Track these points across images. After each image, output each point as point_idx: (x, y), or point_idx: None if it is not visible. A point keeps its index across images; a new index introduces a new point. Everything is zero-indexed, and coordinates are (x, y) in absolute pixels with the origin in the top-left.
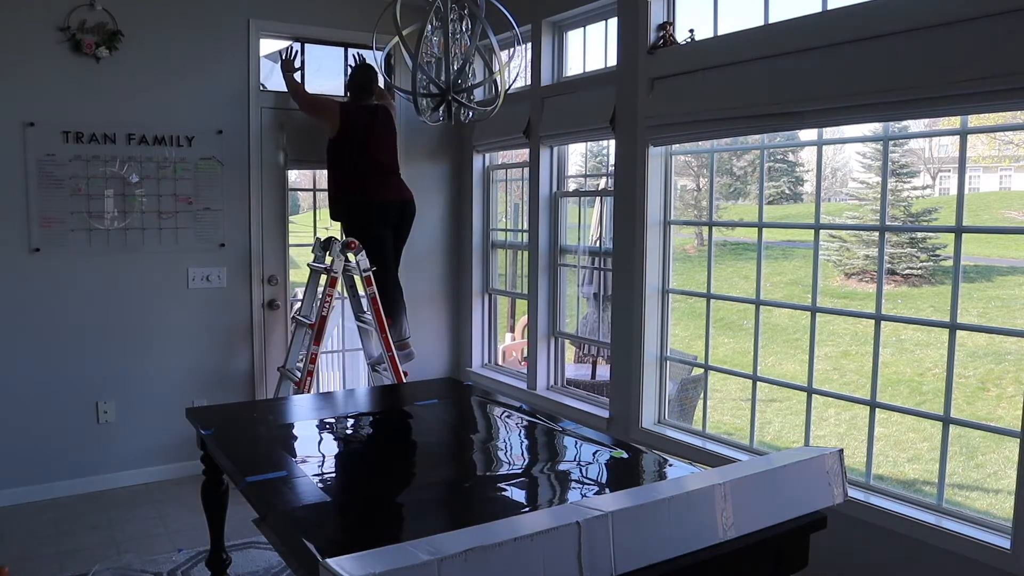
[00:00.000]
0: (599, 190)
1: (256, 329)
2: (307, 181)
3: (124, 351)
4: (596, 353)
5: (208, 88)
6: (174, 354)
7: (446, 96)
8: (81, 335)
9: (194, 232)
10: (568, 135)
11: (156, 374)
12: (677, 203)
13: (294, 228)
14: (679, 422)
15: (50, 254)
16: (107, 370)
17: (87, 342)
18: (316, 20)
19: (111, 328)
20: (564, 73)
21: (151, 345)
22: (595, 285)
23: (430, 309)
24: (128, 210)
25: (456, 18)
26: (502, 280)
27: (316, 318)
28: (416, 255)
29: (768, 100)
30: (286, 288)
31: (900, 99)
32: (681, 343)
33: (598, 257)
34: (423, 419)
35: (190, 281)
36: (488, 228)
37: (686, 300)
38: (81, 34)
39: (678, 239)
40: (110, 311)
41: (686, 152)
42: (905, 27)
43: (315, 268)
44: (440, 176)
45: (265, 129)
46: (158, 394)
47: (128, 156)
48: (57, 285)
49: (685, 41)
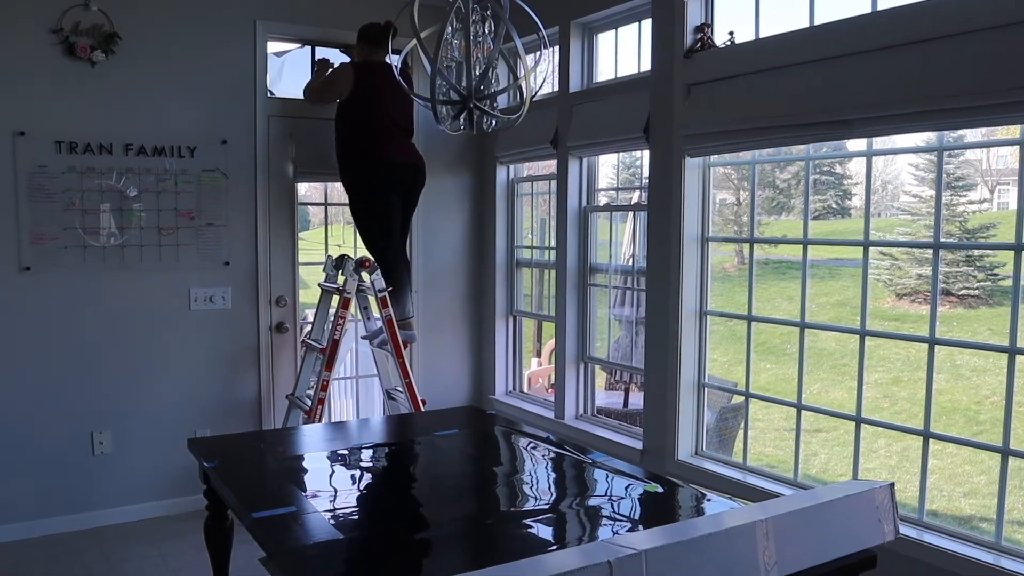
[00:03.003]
0: (632, 204)
1: (263, 353)
2: (318, 194)
3: (121, 377)
4: (629, 380)
5: (211, 95)
6: (175, 380)
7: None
8: (75, 360)
9: (196, 249)
10: (598, 145)
11: (155, 402)
12: (716, 218)
13: (304, 245)
14: (718, 454)
15: (42, 273)
16: (103, 398)
17: (81, 368)
18: (327, 21)
19: (107, 353)
20: (594, 78)
21: (150, 371)
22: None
23: (450, 332)
24: (126, 226)
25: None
26: (527, 301)
27: (328, 342)
28: (435, 273)
29: (814, 107)
30: (295, 310)
31: (956, 106)
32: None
33: (631, 276)
34: (442, 450)
35: (192, 302)
36: (513, 245)
37: (725, 323)
38: (75, 37)
39: (717, 257)
40: (106, 334)
41: (725, 163)
42: (961, 29)
43: (327, 288)
44: (461, 189)
45: (273, 139)
46: (158, 423)
47: (126, 168)
48: (49, 306)
49: (724, 44)
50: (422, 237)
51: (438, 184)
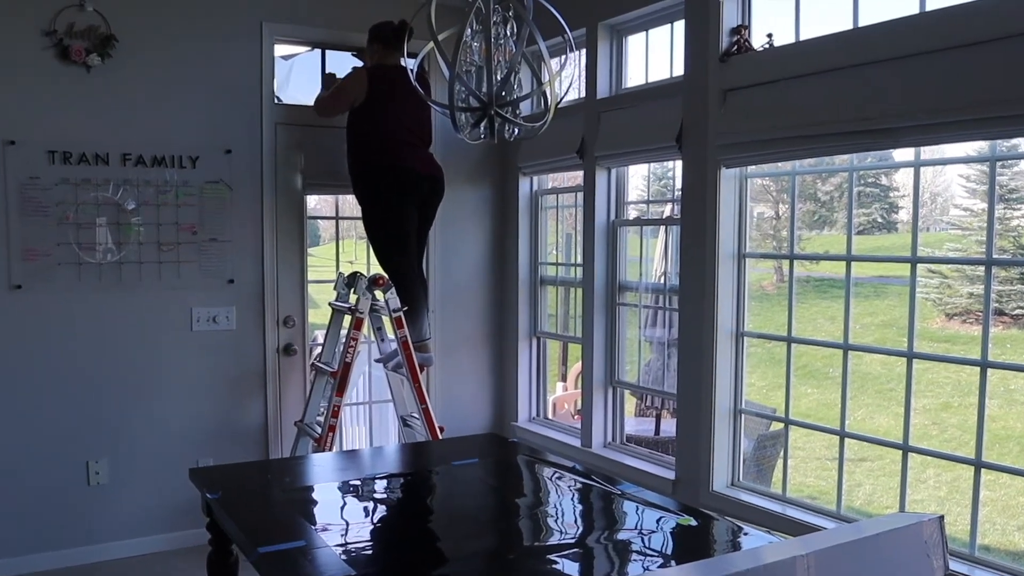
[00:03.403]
0: (664, 218)
1: (270, 378)
2: (328, 208)
3: (118, 403)
4: (660, 405)
5: (215, 101)
6: (176, 406)
7: (488, 110)
8: (69, 385)
9: (199, 266)
10: (628, 155)
11: (155, 429)
12: (753, 233)
13: (314, 262)
14: (755, 484)
15: (33, 291)
16: (99, 425)
17: (76, 393)
18: (338, 23)
19: (104, 377)
20: (623, 84)
21: (149, 396)
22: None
23: (469, 354)
24: (123, 241)
25: (500, 20)
26: (552, 321)
27: (339, 365)
28: (454, 292)
29: (858, 115)
30: (304, 331)
31: (1010, 113)
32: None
33: (663, 295)
34: (462, 481)
35: (194, 322)
36: (536, 262)
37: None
38: (69, 39)
39: (754, 274)
40: (103, 357)
41: (763, 175)
42: (1015, 31)
43: (338, 308)
44: (481, 202)
45: (280, 148)
46: (157, 452)
47: (123, 179)
48: (41, 327)
49: (762, 47)
50: (440, 253)
51: (457, 196)
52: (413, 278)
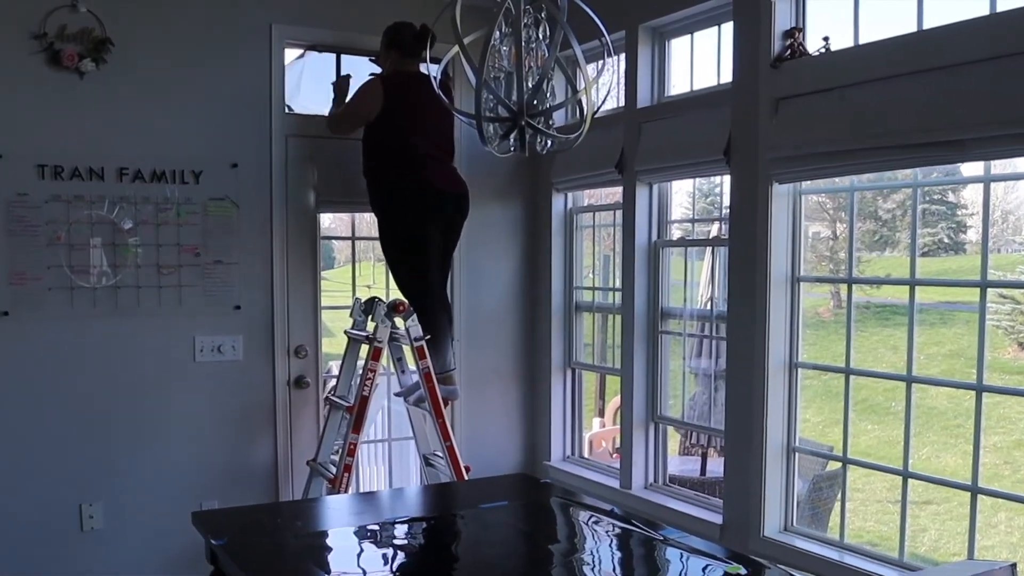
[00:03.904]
0: (710, 239)
1: (280, 413)
2: (344, 227)
3: (114, 440)
4: (707, 443)
5: (220, 110)
6: (177, 444)
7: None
8: (60, 420)
9: (202, 291)
10: (671, 169)
11: (154, 469)
12: (808, 255)
13: (328, 286)
14: (810, 529)
15: (22, 318)
16: (93, 464)
17: (68, 429)
18: (354, 25)
19: (98, 411)
20: (666, 91)
21: (148, 432)
22: (705, 358)
23: (498, 388)
24: (120, 263)
25: (531, 22)
26: (588, 352)
27: (355, 399)
28: (481, 319)
29: (923, 125)
30: (317, 361)
31: None
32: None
33: (709, 322)
34: (490, 525)
35: (197, 352)
36: (571, 286)
37: (819, 376)
38: (61, 43)
39: (809, 300)
40: (97, 390)
41: (819, 191)
42: None
43: (354, 336)
44: (511, 221)
45: (291, 162)
46: (157, 494)
47: (120, 196)
48: (30, 357)
49: (818, 52)
50: (465, 277)
51: (484, 215)
52: (436, 304)
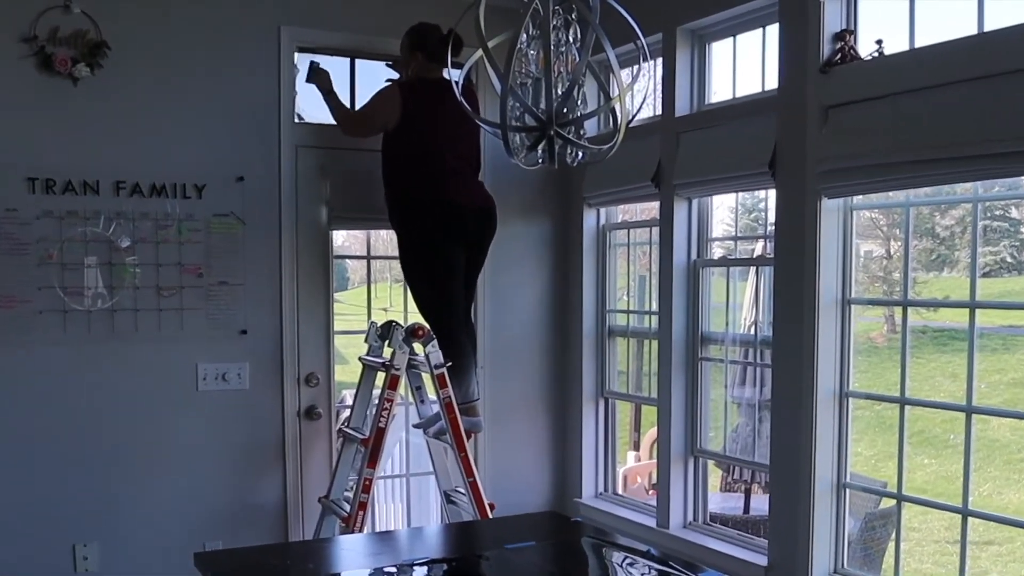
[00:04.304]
0: (754, 258)
1: (290, 446)
2: (359, 245)
3: (110, 476)
4: (750, 479)
5: (224, 119)
6: (178, 480)
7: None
8: (52, 454)
9: (206, 314)
10: (712, 183)
11: (154, 507)
12: (860, 275)
13: (341, 309)
14: (862, 571)
15: (10, 344)
16: (88, 502)
17: (60, 464)
18: (370, 27)
19: (93, 445)
20: (707, 99)
21: (147, 468)
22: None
23: (525, 418)
24: (117, 284)
25: (561, 24)
26: (623, 380)
27: (371, 431)
28: (507, 345)
29: (984, 135)
30: (330, 390)
31: None
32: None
33: (753, 348)
34: (516, 567)
35: (200, 381)
36: (604, 309)
37: (872, 407)
38: (53, 47)
39: (861, 324)
40: (92, 422)
41: (872, 206)
42: None
43: (370, 363)
44: (539, 239)
45: (302, 175)
46: (156, 534)
47: (116, 211)
48: (19, 386)
49: (871, 56)
50: (490, 299)
51: (510, 232)
52: (459, 328)
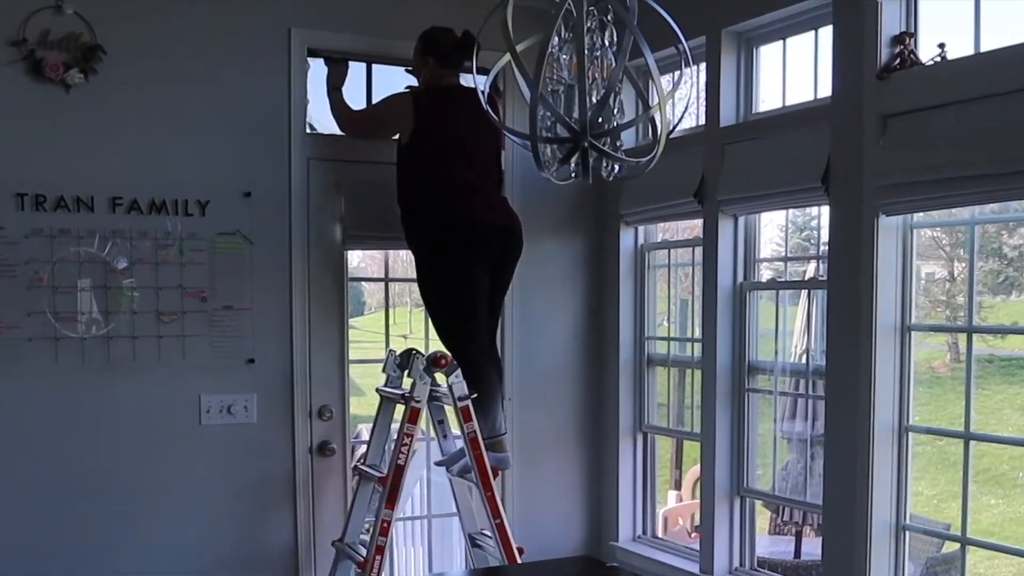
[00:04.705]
0: (806, 280)
1: (301, 485)
2: (376, 267)
3: (106, 517)
4: (802, 520)
5: (230, 130)
6: (180, 521)
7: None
8: (42, 492)
9: (209, 342)
10: (760, 199)
11: (153, 550)
12: (921, 299)
13: (357, 336)
14: None
15: None
16: (82, 545)
17: (51, 503)
18: (387, 31)
19: (87, 483)
20: (754, 107)
21: (145, 509)
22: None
23: (556, 455)
24: (113, 309)
25: (595, 26)
26: (663, 413)
27: (389, 469)
28: (536, 375)
29: None
30: (345, 424)
31: None
32: (927, 505)
33: (804, 379)
34: None
35: (203, 414)
36: (642, 336)
37: (934, 442)
38: (43, 51)
39: (922, 352)
40: (85, 458)
41: (934, 224)
42: None
43: (388, 395)
44: (571, 260)
45: (314, 190)
46: None
47: (112, 230)
48: (6, 419)
49: (933, 61)
50: (518, 325)
51: (539, 253)
52: (484, 357)
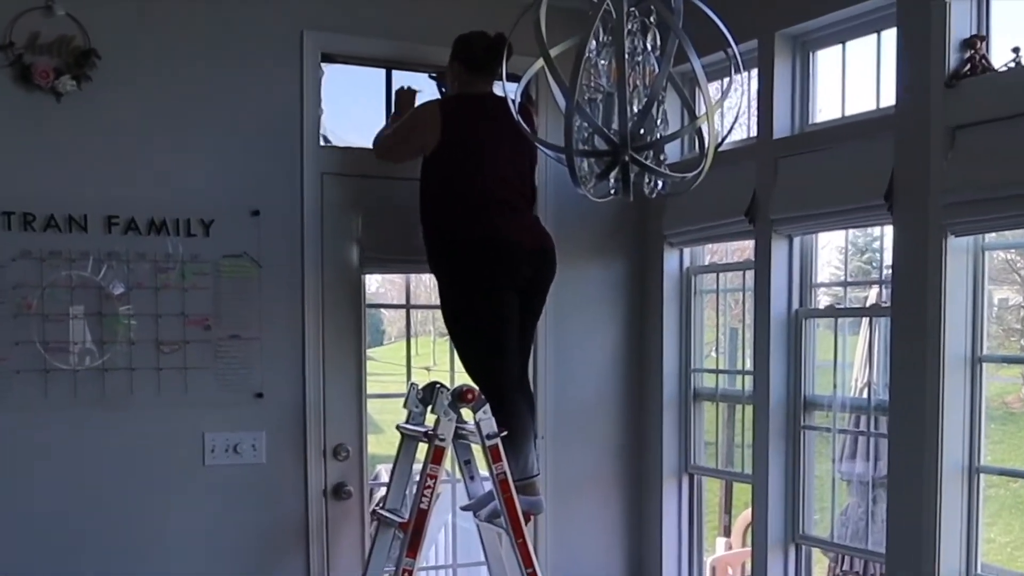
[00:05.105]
0: (867, 307)
1: (314, 530)
2: (397, 292)
3: (101, 566)
4: (863, 569)
5: (237, 142)
6: (182, 571)
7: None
8: (29, 540)
9: (214, 375)
10: (817, 218)
11: None
12: (993, 327)
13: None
14: None
15: None
16: None
17: (39, 551)
18: (410, 33)
19: (79, 529)
20: (811, 118)
21: (144, 556)
22: (860, 460)
23: (594, 499)
24: (108, 339)
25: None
26: (710, 452)
27: (411, 514)
28: (571, 411)
29: None
30: (362, 465)
31: None
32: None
33: (866, 415)
34: None
35: (207, 453)
36: (688, 368)
37: (1008, 484)
38: (32, 55)
39: (995, 386)
40: (77, 501)
41: (1007, 246)
42: None
43: (409, 433)
44: (610, 284)
45: (328, 208)
46: None
47: (107, 252)
48: None
49: (1006, 67)
50: (551, 356)
51: (575, 277)
52: (515, 391)
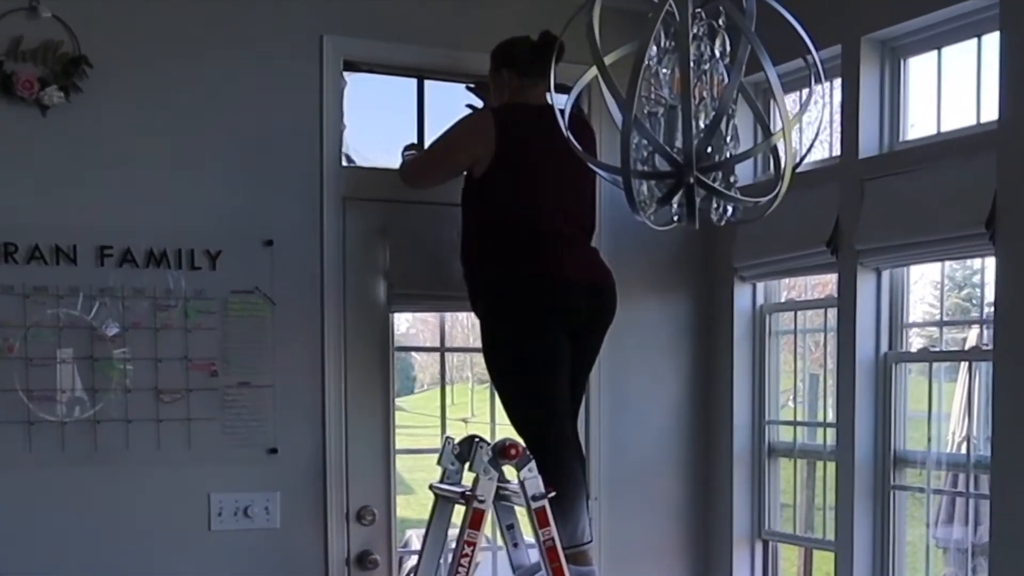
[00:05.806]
0: (967, 350)
1: None
2: (431, 333)
3: None
4: None
5: (247, 162)
6: None
7: (684, 177)
8: None
9: (221, 427)
10: (909, 248)
11: None
12: None
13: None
14: None
15: None
16: None
17: None
18: (441, 39)
19: None
20: (902, 134)
21: None
22: (958, 524)
23: (656, 568)
24: (101, 387)
25: (704, 33)
26: (787, 516)
27: None
28: (629, 469)
29: None
30: (390, 530)
31: None
32: None
33: (965, 473)
34: None
35: (214, 517)
36: (762, 419)
37: None
38: (14, 63)
39: None
40: (68, 572)
41: None
42: None
43: (444, 493)
44: (673, 324)
45: (352, 238)
46: None
47: (100, 288)
48: None
49: None
50: (607, 406)
51: (633, 316)
52: (565, 446)
